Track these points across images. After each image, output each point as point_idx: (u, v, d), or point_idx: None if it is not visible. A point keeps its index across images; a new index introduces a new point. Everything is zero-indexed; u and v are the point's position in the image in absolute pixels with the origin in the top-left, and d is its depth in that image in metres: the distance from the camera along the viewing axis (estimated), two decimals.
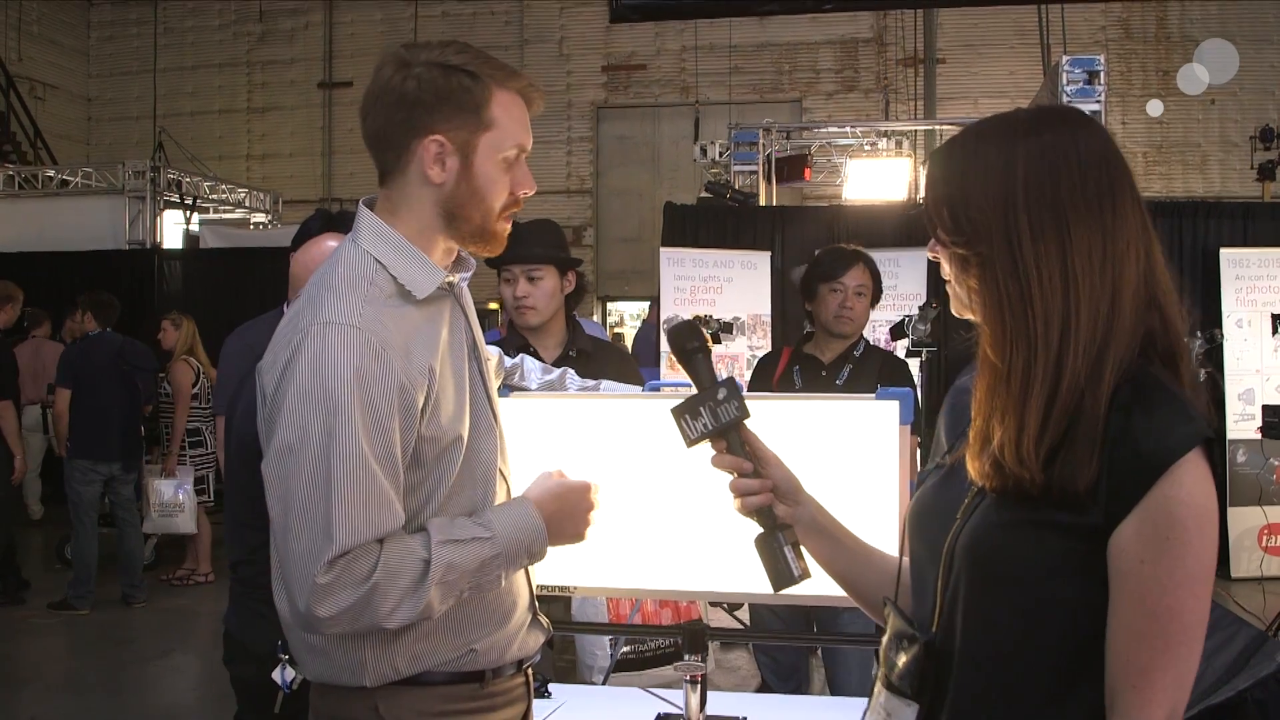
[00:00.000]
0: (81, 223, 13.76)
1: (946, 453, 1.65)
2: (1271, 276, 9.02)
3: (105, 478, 7.92)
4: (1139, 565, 1.37)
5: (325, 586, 1.73)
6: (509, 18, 18.90)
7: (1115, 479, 1.38)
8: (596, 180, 18.79)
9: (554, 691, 2.83)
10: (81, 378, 7.87)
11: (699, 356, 1.81)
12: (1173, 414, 1.39)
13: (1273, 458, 8.58)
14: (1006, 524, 1.46)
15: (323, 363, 1.77)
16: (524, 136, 1.97)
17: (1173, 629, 1.37)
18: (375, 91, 1.92)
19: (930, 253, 1.58)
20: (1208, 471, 1.39)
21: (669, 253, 9.51)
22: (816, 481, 2.29)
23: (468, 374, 1.99)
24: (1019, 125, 1.51)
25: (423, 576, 1.79)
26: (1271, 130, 12.32)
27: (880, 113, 17.38)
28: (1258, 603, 7.40)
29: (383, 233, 1.93)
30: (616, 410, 2.50)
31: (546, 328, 3.71)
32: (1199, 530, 1.37)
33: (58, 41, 19.74)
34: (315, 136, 19.65)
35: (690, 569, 2.42)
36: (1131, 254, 1.46)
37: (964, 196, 1.50)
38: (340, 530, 1.73)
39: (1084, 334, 1.42)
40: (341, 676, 1.90)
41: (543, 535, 1.96)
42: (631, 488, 2.39)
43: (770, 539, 1.74)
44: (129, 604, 8.01)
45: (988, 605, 1.48)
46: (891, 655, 1.57)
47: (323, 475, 1.75)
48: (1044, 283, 1.43)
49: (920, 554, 1.63)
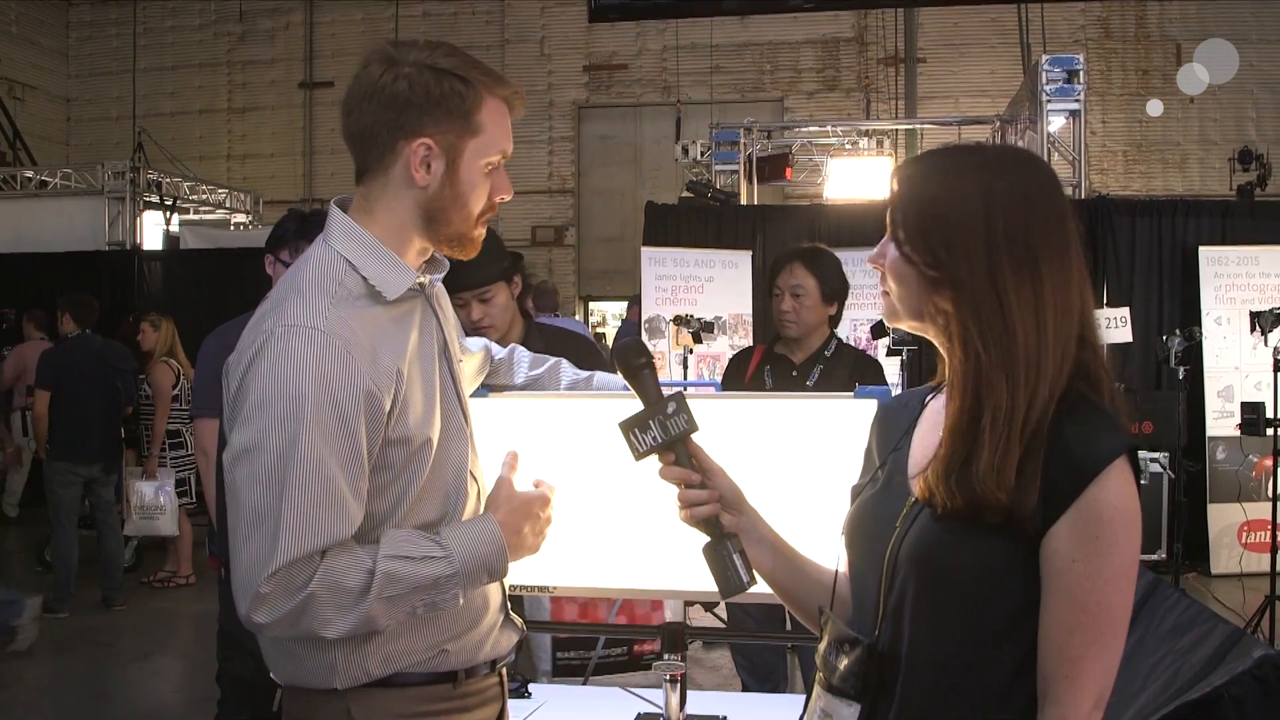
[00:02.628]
0: (61, 224, 13.70)
1: (879, 467, 1.72)
2: (1250, 274, 9.08)
3: (85, 480, 7.88)
4: (1070, 564, 1.48)
5: (265, 595, 1.73)
6: (490, 17, 18.87)
7: (1049, 485, 1.48)
8: (578, 180, 18.77)
9: (534, 691, 2.83)
10: (61, 379, 7.83)
11: (645, 372, 1.85)
12: (1100, 425, 1.51)
13: (1252, 454, 8.63)
14: (949, 531, 1.53)
15: (285, 366, 1.76)
16: (507, 143, 1.97)
17: (1101, 621, 1.48)
18: (362, 89, 1.90)
19: (873, 263, 1.68)
20: (1132, 477, 1.50)
21: (650, 252, 9.53)
22: (793, 481, 2.30)
23: (437, 376, 1.98)
24: (988, 161, 1.61)
25: (365, 589, 1.78)
26: (1250, 151, 12.36)
27: (861, 112, 17.40)
28: (1237, 599, 7.44)
29: (354, 233, 1.92)
30: (592, 410, 2.49)
31: (505, 338, 3.69)
32: (1125, 531, 1.48)
33: (36, 42, 19.63)
34: (296, 137, 19.58)
35: (665, 568, 2.41)
36: (1077, 296, 1.57)
37: (941, 223, 1.57)
38: (286, 539, 1.72)
39: (1050, 369, 1.53)
40: (312, 679, 1.89)
41: (503, 553, 1.95)
42: (605, 487, 2.39)
43: (718, 547, 1.78)
44: (110, 606, 7.97)
45: (935, 609, 1.55)
46: (831, 659, 1.65)
47: (277, 481, 1.74)
48: (1024, 322, 1.53)
49: (859, 562, 1.69)
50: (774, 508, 1.91)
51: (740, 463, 1.96)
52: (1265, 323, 7.11)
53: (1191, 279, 9.19)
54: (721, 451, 1.90)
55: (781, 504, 2.03)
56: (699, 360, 8.79)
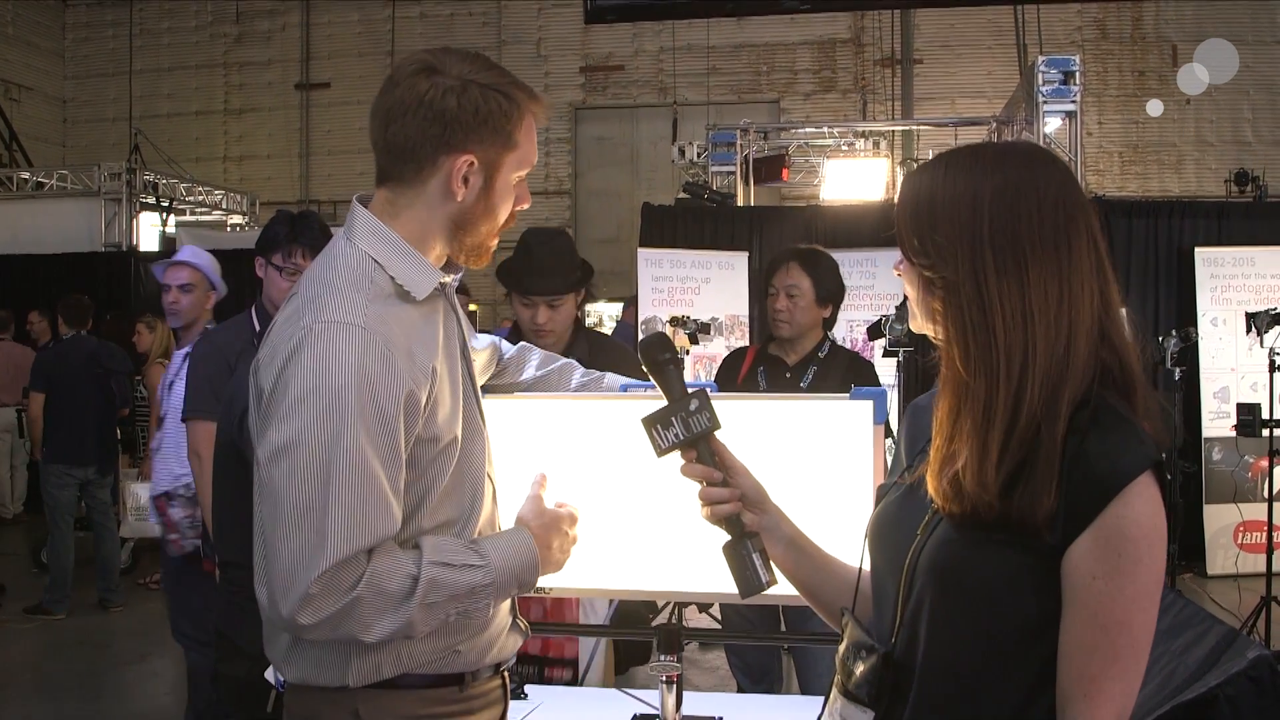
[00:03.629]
0: (57, 225, 13.70)
1: (906, 469, 1.70)
2: (1246, 275, 9.10)
3: (81, 481, 7.88)
4: (1092, 581, 1.44)
5: (313, 596, 1.71)
6: (487, 19, 18.86)
7: (1070, 499, 1.44)
8: (575, 181, 18.77)
9: (530, 693, 2.84)
10: (56, 381, 7.82)
11: (670, 368, 1.84)
12: (1125, 438, 1.46)
13: (1248, 455, 8.63)
14: (967, 542, 1.51)
15: (327, 362, 1.75)
16: (535, 155, 1.99)
17: (1122, 642, 1.44)
18: (405, 100, 1.87)
19: (896, 270, 1.67)
20: (1158, 493, 1.46)
21: (647, 253, 9.53)
22: (790, 482, 2.30)
23: (461, 375, 1.99)
24: (985, 159, 1.58)
25: (409, 594, 1.77)
26: (1246, 174, 12.43)
27: (858, 113, 17.40)
28: (1233, 599, 7.45)
29: (380, 233, 1.91)
30: (593, 411, 2.49)
31: (558, 342, 3.67)
32: (1149, 549, 1.44)
33: (33, 43, 19.62)
34: (293, 138, 19.55)
35: (662, 569, 2.41)
36: (1086, 294, 1.52)
37: (931, 223, 1.56)
38: (336, 537, 1.71)
39: (1040, 370, 1.48)
40: (324, 677, 1.88)
41: (536, 566, 1.96)
42: (605, 488, 2.39)
43: (739, 547, 1.77)
44: (106, 608, 7.97)
45: (951, 620, 1.53)
46: (849, 664, 1.63)
47: (321, 477, 1.72)
48: (1006, 318, 1.50)
49: (881, 566, 1.68)
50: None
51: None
52: (1261, 324, 7.11)
53: (1187, 280, 9.20)
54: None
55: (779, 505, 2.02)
56: (695, 361, 8.79)
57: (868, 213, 10.13)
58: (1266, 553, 6.92)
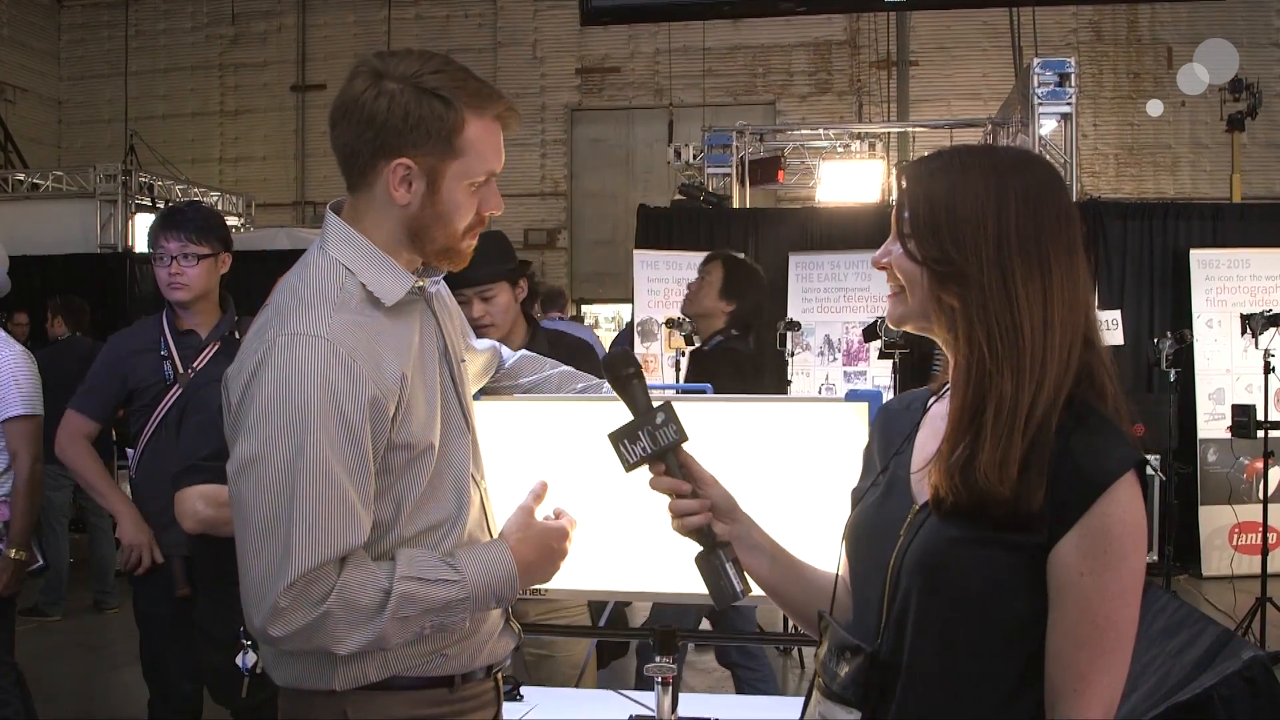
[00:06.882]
0: (53, 226, 13.66)
1: (880, 472, 1.71)
2: (1241, 277, 9.12)
3: (76, 483, 7.85)
4: (1078, 578, 1.48)
5: (283, 609, 1.72)
6: (482, 20, 18.84)
7: (1057, 497, 1.48)
8: (570, 183, 18.75)
9: (525, 694, 2.83)
10: (51, 383, 7.79)
11: (634, 383, 1.84)
12: (1110, 438, 1.51)
13: (1243, 456, 8.63)
14: (955, 540, 1.53)
15: (289, 375, 1.75)
16: (495, 162, 1.93)
17: (1109, 636, 1.48)
18: (345, 104, 1.87)
19: (877, 264, 1.70)
20: (1139, 492, 1.50)
21: (643, 255, 9.53)
22: (785, 485, 2.30)
23: (439, 380, 1.98)
24: (1004, 162, 1.61)
25: (380, 608, 1.78)
26: (1241, 81, 12.41)
27: (853, 115, 17.39)
28: (1228, 601, 7.46)
29: (351, 239, 1.91)
30: (593, 412, 2.49)
31: (508, 339, 3.70)
32: (1133, 545, 1.49)
33: (28, 44, 19.57)
34: (288, 140, 19.53)
35: (662, 569, 2.41)
36: (1082, 298, 1.59)
37: (953, 222, 1.57)
38: (300, 550, 1.72)
39: (1055, 368, 1.53)
40: (311, 681, 1.89)
41: (514, 583, 1.95)
42: (605, 489, 2.39)
43: (711, 557, 1.78)
44: (101, 610, 7.95)
45: (939, 619, 1.54)
46: (831, 665, 1.64)
47: (286, 491, 1.73)
48: (1033, 319, 1.54)
49: (860, 569, 1.69)
50: (761, 511, 1.90)
51: (729, 466, 1.96)
52: (1256, 325, 7.13)
53: (1182, 282, 9.22)
54: (711, 454, 1.90)
55: (769, 507, 2.02)
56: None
57: (863, 214, 10.12)
58: (1261, 554, 6.94)
